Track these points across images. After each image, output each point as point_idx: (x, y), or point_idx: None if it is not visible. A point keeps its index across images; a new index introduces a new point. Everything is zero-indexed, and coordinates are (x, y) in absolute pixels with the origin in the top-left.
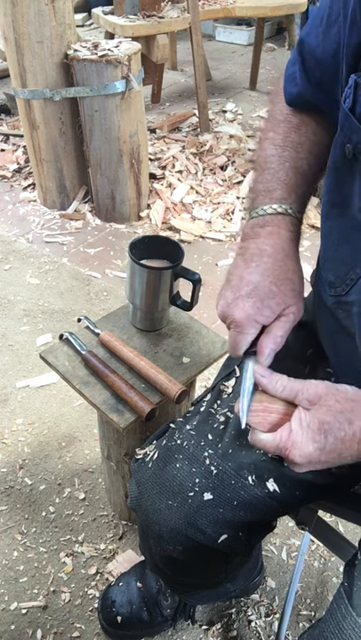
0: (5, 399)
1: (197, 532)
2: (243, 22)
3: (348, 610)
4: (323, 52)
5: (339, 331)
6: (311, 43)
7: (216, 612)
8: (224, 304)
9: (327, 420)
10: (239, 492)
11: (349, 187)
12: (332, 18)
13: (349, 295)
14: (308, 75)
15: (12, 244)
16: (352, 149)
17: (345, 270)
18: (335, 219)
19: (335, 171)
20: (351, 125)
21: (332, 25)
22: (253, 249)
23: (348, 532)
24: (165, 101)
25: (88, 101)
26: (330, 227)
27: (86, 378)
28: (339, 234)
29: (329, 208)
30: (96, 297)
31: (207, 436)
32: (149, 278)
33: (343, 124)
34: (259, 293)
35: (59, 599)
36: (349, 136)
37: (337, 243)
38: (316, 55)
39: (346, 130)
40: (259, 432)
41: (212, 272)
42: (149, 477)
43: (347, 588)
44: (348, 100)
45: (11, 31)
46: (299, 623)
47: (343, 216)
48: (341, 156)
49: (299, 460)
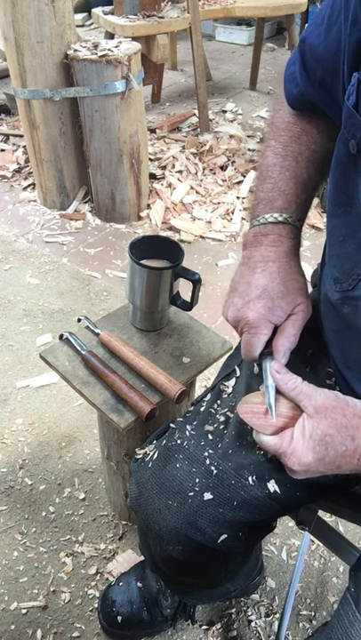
0: (5, 399)
1: (197, 532)
2: (243, 22)
3: (356, 616)
4: (324, 50)
5: (344, 328)
6: (313, 42)
7: (216, 612)
8: (235, 310)
9: (330, 432)
10: (239, 492)
11: (354, 183)
12: (333, 17)
13: (356, 290)
14: (309, 74)
15: (11, 244)
16: (356, 145)
17: (351, 266)
18: (340, 216)
19: (340, 168)
20: (355, 122)
21: (334, 24)
22: (257, 257)
23: (348, 531)
24: (165, 101)
25: (88, 101)
26: (335, 224)
27: (86, 378)
28: (344, 230)
29: (334, 205)
30: (96, 297)
31: (207, 436)
32: (149, 278)
33: (347, 120)
34: (269, 294)
35: (59, 599)
36: (353, 132)
37: (342, 239)
38: (317, 54)
39: (350, 126)
40: (261, 433)
41: (212, 272)
42: (149, 477)
43: (353, 593)
44: (351, 97)
45: (11, 31)
46: (299, 623)
47: (348, 213)
48: (346, 152)
49: (296, 468)
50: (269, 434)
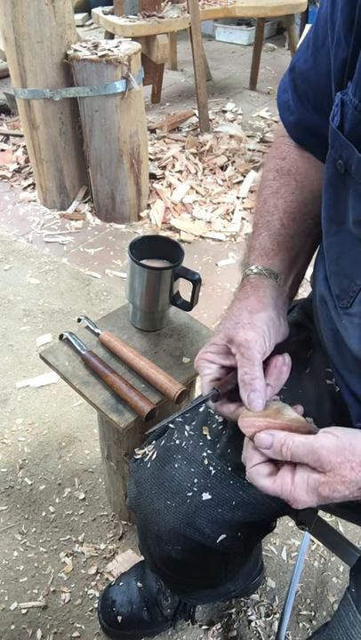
0: (5, 399)
1: (196, 532)
2: (243, 22)
3: (357, 617)
4: (316, 74)
5: (341, 331)
6: (302, 67)
7: (216, 612)
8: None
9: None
10: (238, 492)
11: (344, 202)
12: (318, 41)
13: (353, 307)
14: (302, 99)
15: (11, 244)
16: (343, 165)
17: (347, 283)
18: (334, 234)
19: (331, 187)
20: (341, 142)
21: (321, 47)
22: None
23: (348, 531)
24: (165, 101)
25: (88, 101)
26: (330, 242)
27: (86, 378)
28: (338, 248)
29: (328, 224)
30: (96, 297)
31: (206, 437)
32: (149, 278)
33: (333, 141)
34: None
35: (59, 599)
36: (340, 153)
37: (337, 257)
38: (308, 79)
39: (336, 147)
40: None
41: (212, 272)
42: (148, 477)
43: (354, 594)
44: (336, 117)
45: (11, 31)
46: (299, 623)
47: (341, 231)
48: (334, 172)
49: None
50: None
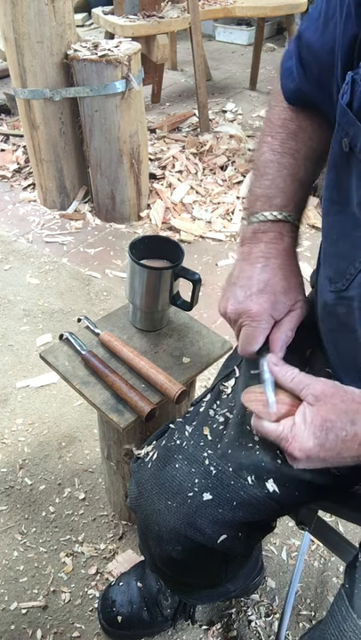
0: (5, 399)
1: (197, 533)
2: (243, 22)
3: (349, 612)
4: (321, 47)
5: (340, 329)
6: (310, 37)
7: (216, 612)
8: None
9: (330, 417)
10: (238, 492)
11: (348, 182)
12: (329, 12)
13: (349, 290)
14: (306, 70)
15: (11, 244)
16: (348, 143)
17: (345, 265)
18: (335, 215)
19: (335, 168)
20: (348, 120)
21: (331, 19)
22: (257, 252)
23: (348, 531)
24: (165, 101)
25: (88, 101)
26: (330, 223)
27: (86, 378)
28: (339, 230)
29: (329, 205)
30: (96, 297)
31: (207, 437)
32: (149, 278)
33: (341, 118)
34: (272, 289)
35: (59, 599)
36: (346, 130)
37: (337, 238)
38: (313, 50)
39: (343, 124)
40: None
41: (212, 272)
42: (149, 477)
43: (347, 589)
44: (345, 95)
45: (11, 31)
46: (299, 623)
47: (343, 212)
48: (339, 151)
49: (298, 455)
50: (271, 421)
